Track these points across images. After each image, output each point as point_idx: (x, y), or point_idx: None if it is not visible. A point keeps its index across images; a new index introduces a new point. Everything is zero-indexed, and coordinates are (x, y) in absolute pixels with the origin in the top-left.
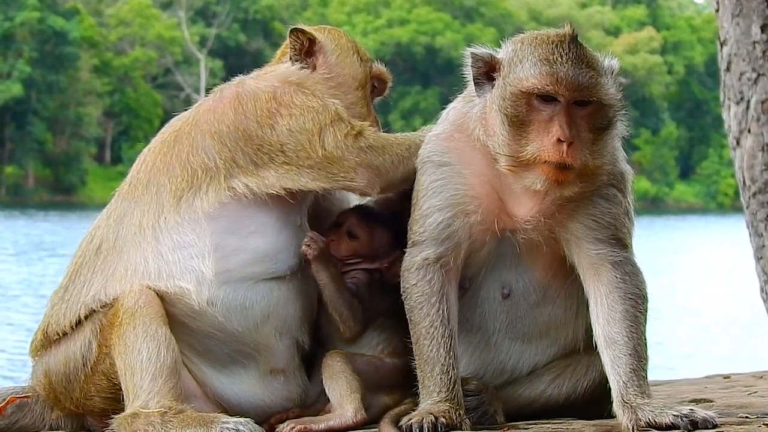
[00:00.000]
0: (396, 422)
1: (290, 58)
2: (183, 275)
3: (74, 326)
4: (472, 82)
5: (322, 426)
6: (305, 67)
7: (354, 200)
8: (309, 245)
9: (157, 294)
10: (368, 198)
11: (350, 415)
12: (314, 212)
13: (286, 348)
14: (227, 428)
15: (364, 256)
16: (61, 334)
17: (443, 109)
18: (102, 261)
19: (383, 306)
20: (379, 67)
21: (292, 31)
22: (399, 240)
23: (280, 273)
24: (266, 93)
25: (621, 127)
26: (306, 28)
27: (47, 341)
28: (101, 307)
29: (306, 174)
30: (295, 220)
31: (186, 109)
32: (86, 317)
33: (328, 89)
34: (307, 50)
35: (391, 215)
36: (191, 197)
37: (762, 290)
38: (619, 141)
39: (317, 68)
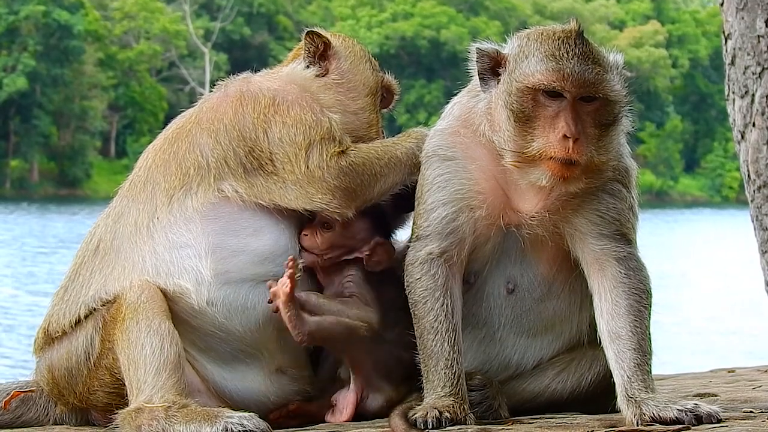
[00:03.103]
0: (405, 416)
1: (304, 60)
2: (181, 274)
3: (74, 325)
4: (478, 78)
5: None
6: (317, 71)
7: None
8: (273, 299)
9: (159, 290)
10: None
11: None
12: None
13: (290, 347)
14: (232, 423)
15: (341, 246)
16: (61, 333)
17: (448, 103)
18: (100, 260)
19: (392, 295)
20: (390, 79)
21: (307, 33)
22: (379, 225)
23: (282, 275)
24: (266, 97)
25: (626, 123)
26: (322, 32)
27: (49, 339)
28: (103, 305)
29: (291, 190)
30: (298, 223)
31: (192, 106)
32: (86, 316)
33: (336, 94)
34: (321, 54)
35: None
36: (182, 196)
37: (767, 284)
38: (624, 136)
39: (329, 73)
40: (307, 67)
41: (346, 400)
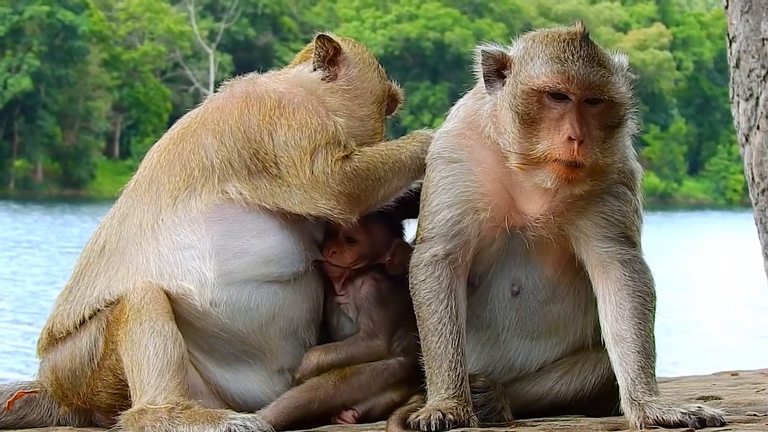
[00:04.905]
0: (404, 420)
1: (313, 63)
2: (185, 276)
3: (78, 326)
4: (483, 80)
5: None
6: (326, 75)
7: None
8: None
9: (163, 291)
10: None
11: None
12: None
13: (292, 348)
14: (235, 424)
15: (368, 256)
16: (65, 333)
17: (452, 105)
18: (105, 261)
19: (401, 305)
20: (396, 88)
21: (319, 37)
22: (394, 227)
23: (285, 276)
24: (272, 99)
25: (631, 125)
26: (333, 36)
27: (53, 339)
28: (106, 306)
29: (296, 194)
30: (302, 225)
31: (198, 106)
32: (90, 317)
33: (342, 100)
34: (330, 58)
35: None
36: (187, 197)
37: None
38: (630, 139)
39: (338, 78)
40: (315, 70)
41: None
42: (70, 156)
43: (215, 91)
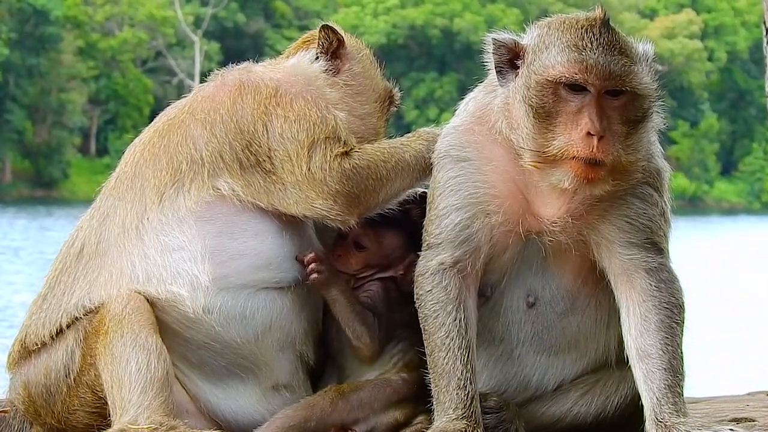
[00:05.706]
0: None
1: (316, 53)
2: (175, 280)
3: (54, 336)
4: (494, 71)
5: None
6: (327, 66)
7: None
8: (313, 269)
9: (147, 300)
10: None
11: None
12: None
13: (289, 362)
14: None
15: (376, 266)
16: (40, 345)
17: (462, 98)
18: (84, 266)
19: (403, 317)
20: (395, 89)
21: (323, 27)
22: (412, 241)
23: (284, 283)
24: (269, 87)
25: (657, 120)
26: (338, 28)
27: (26, 352)
28: (85, 314)
29: (291, 193)
30: (301, 228)
31: (184, 96)
32: (68, 326)
33: (343, 96)
34: (333, 51)
35: (401, 213)
36: (174, 194)
37: None
38: (655, 135)
39: (340, 73)
40: (316, 59)
41: None
42: (41, 153)
43: (201, 83)
